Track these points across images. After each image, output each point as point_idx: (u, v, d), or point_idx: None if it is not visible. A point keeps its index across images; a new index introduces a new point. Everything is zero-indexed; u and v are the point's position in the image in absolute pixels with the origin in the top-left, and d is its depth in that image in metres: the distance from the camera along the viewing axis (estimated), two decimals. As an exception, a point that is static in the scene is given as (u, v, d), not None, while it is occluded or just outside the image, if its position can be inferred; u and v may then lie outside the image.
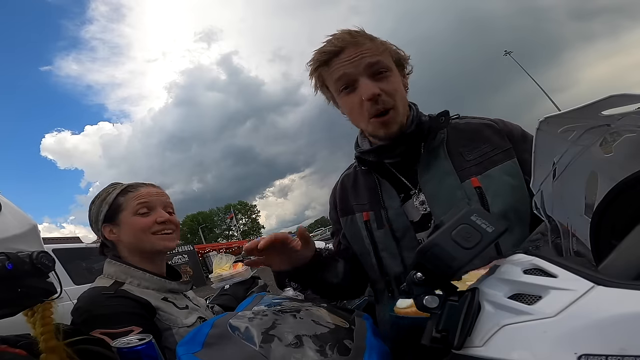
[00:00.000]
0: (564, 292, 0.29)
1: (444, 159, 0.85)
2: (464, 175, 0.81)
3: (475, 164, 0.82)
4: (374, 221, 0.89)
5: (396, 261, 0.86)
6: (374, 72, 0.80)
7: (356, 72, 0.80)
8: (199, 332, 0.52)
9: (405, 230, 0.85)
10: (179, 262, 15.85)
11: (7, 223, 0.49)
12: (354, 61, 0.80)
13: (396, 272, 0.86)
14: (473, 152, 0.84)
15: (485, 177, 0.80)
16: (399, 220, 0.86)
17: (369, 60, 0.80)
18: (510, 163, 0.81)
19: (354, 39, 0.81)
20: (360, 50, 0.80)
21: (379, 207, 0.89)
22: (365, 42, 0.81)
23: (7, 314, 0.47)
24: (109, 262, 0.92)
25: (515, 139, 0.84)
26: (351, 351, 0.51)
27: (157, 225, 0.94)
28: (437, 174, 0.84)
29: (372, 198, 0.91)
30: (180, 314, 0.90)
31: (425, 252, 0.36)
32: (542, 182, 0.48)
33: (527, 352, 0.29)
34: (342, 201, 0.99)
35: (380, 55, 0.81)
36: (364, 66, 0.80)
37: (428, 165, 0.85)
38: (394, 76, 0.83)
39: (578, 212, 0.48)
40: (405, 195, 0.88)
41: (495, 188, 0.79)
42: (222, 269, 1.32)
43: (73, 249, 5.10)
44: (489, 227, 0.35)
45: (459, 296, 0.35)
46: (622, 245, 0.35)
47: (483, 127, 0.87)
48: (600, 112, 0.41)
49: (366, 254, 0.91)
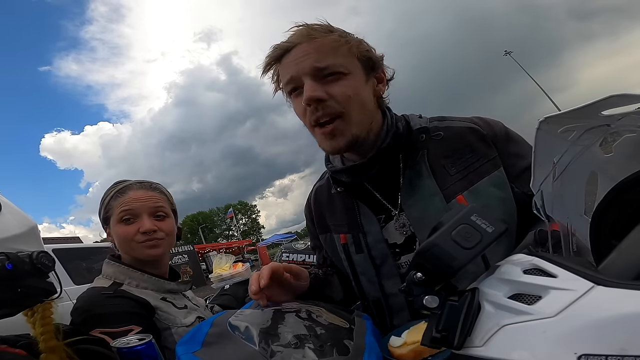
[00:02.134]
0: (564, 292, 0.29)
1: (427, 177, 0.76)
2: (449, 194, 0.74)
3: (459, 178, 0.75)
4: (352, 244, 0.82)
5: (374, 287, 0.81)
6: (321, 72, 0.69)
7: (301, 72, 0.70)
8: (199, 331, 0.52)
9: (384, 257, 0.79)
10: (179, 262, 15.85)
11: (7, 223, 0.49)
12: (300, 61, 0.70)
13: (374, 297, 0.82)
14: (457, 164, 0.76)
15: (472, 192, 0.74)
16: (378, 246, 0.79)
17: (315, 63, 0.69)
18: (496, 173, 0.75)
19: (308, 34, 0.71)
20: (310, 49, 0.70)
21: (358, 231, 0.81)
22: (319, 37, 0.71)
23: (7, 314, 0.47)
24: (108, 262, 0.92)
25: (500, 141, 0.77)
26: (351, 351, 0.51)
27: (140, 235, 0.89)
28: (422, 196, 0.76)
29: (350, 220, 0.82)
30: (179, 314, 0.90)
31: (425, 252, 0.36)
32: (542, 182, 0.48)
33: (527, 352, 0.29)
34: (319, 217, 0.92)
35: (333, 54, 0.70)
36: (309, 65, 0.69)
37: (411, 185, 0.77)
38: (350, 79, 0.71)
39: (578, 212, 0.48)
40: (387, 215, 0.80)
41: (483, 203, 0.72)
42: (222, 269, 1.32)
43: (73, 249, 5.10)
44: (489, 227, 0.35)
45: (459, 296, 0.35)
46: (622, 245, 0.35)
47: (466, 132, 0.79)
48: (600, 112, 0.41)
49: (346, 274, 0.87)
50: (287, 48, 0.72)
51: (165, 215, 0.95)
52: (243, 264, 1.38)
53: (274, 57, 0.75)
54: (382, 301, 0.81)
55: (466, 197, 0.73)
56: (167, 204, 0.98)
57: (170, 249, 0.99)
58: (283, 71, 0.74)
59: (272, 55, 0.75)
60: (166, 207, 0.96)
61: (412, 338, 0.54)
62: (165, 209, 0.95)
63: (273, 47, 0.74)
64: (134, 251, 0.90)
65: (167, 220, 0.95)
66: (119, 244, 0.91)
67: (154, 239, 0.90)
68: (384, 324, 0.82)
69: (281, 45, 0.73)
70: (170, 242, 0.97)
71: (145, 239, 0.89)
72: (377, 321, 0.81)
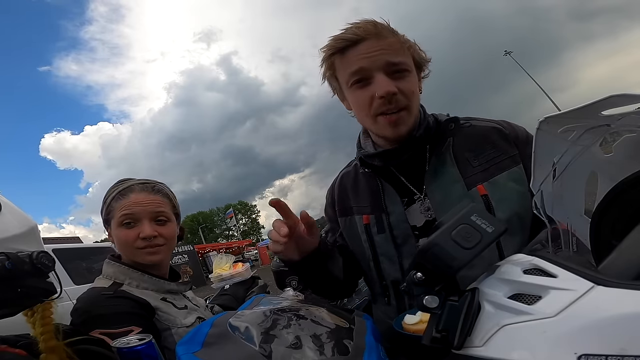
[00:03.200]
0: (564, 292, 0.29)
1: (451, 165, 0.83)
2: (470, 183, 0.80)
3: (481, 170, 0.81)
4: (374, 225, 0.87)
5: (395, 267, 0.85)
6: (393, 69, 0.76)
7: (373, 67, 0.75)
8: (199, 332, 0.52)
9: (406, 237, 0.84)
10: (179, 262, 15.86)
11: (7, 223, 0.49)
12: (372, 55, 0.75)
13: (394, 278, 0.85)
14: (479, 158, 0.82)
15: (491, 183, 0.79)
16: (401, 226, 0.84)
17: (389, 59, 0.75)
18: (516, 169, 0.80)
19: (377, 31, 0.76)
20: (382, 45, 0.75)
21: (381, 212, 0.86)
22: (388, 36, 0.76)
23: (7, 314, 0.47)
24: (108, 262, 0.91)
25: (521, 143, 0.82)
26: (350, 351, 0.51)
27: (140, 240, 0.88)
28: (444, 182, 0.82)
29: (374, 202, 0.88)
30: (179, 314, 0.90)
31: (425, 252, 0.36)
32: (542, 182, 0.48)
33: (527, 352, 0.29)
34: (341, 201, 0.97)
35: (401, 54, 0.77)
36: (384, 63, 0.75)
37: (435, 172, 0.83)
38: (412, 77, 0.79)
39: (578, 212, 0.48)
40: (409, 199, 0.86)
41: (500, 194, 0.78)
42: (222, 269, 1.32)
43: (73, 249, 5.11)
44: (489, 227, 0.35)
45: (459, 296, 0.35)
46: (622, 245, 0.35)
47: (490, 131, 0.85)
48: (600, 112, 0.41)
49: (364, 257, 0.89)
50: (355, 41, 0.76)
51: (167, 220, 0.94)
52: (243, 264, 1.38)
53: (338, 49, 0.78)
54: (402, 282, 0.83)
55: (486, 187, 0.79)
56: (169, 208, 0.96)
57: (170, 252, 0.98)
58: (348, 62, 0.78)
59: (336, 47, 0.78)
60: (168, 212, 0.95)
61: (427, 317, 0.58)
62: (166, 214, 0.94)
63: (336, 38, 0.78)
64: (134, 256, 0.90)
65: (168, 225, 0.94)
66: (119, 247, 0.91)
67: (154, 245, 0.90)
68: (401, 305, 0.85)
69: (346, 36, 0.77)
70: (171, 246, 0.96)
71: (145, 245, 0.88)
72: (394, 303, 0.86)
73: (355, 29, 0.76)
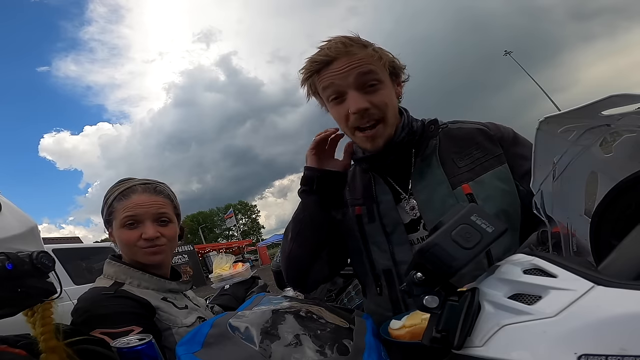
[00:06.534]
0: (564, 292, 0.29)
1: (437, 167, 0.86)
2: (455, 183, 0.83)
3: (466, 170, 0.83)
4: (365, 215, 0.90)
5: (385, 255, 0.87)
6: (364, 83, 0.79)
7: (345, 84, 0.80)
8: (199, 332, 0.52)
9: (395, 225, 0.86)
10: (179, 262, 15.87)
11: (7, 223, 0.49)
12: (343, 72, 0.79)
13: (385, 267, 0.87)
14: (465, 159, 0.85)
15: (477, 183, 0.81)
16: (390, 214, 0.87)
17: (359, 72, 0.79)
18: (501, 168, 0.82)
19: (346, 49, 0.80)
20: (351, 61, 0.79)
21: (372, 202, 0.90)
22: (357, 51, 0.80)
23: (7, 314, 0.47)
24: (109, 262, 0.92)
25: (507, 143, 0.85)
26: (350, 351, 0.51)
27: (143, 241, 0.88)
28: (430, 183, 0.85)
29: (366, 194, 0.92)
30: (180, 314, 0.90)
31: (425, 252, 0.36)
32: (542, 182, 0.48)
33: (526, 352, 0.29)
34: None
35: (371, 66, 0.80)
36: (354, 78, 0.79)
37: (421, 173, 0.87)
38: (385, 88, 0.82)
39: (578, 212, 0.48)
40: (396, 199, 0.89)
41: (486, 193, 0.80)
42: (222, 269, 1.32)
43: (73, 249, 5.11)
44: (489, 227, 0.35)
45: (459, 296, 0.35)
46: (622, 245, 0.35)
47: (475, 132, 0.88)
48: (600, 112, 0.41)
49: (357, 249, 0.91)
50: (327, 62, 0.81)
51: (169, 221, 0.94)
52: (243, 264, 1.38)
53: (313, 71, 0.84)
54: (393, 270, 0.86)
55: (472, 187, 0.81)
56: (171, 208, 0.97)
57: (172, 252, 0.99)
58: (323, 82, 0.83)
59: (311, 69, 0.84)
60: (169, 213, 0.95)
61: (410, 322, 0.61)
62: (168, 215, 0.95)
63: (311, 60, 0.83)
64: (136, 256, 0.90)
65: (170, 226, 0.95)
66: (121, 248, 0.91)
67: (156, 246, 0.90)
68: (393, 294, 0.86)
69: (319, 58, 0.82)
70: (173, 246, 0.96)
71: (147, 245, 0.89)
72: (386, 292, 0.87)
73: (327, 50, 0.81)
